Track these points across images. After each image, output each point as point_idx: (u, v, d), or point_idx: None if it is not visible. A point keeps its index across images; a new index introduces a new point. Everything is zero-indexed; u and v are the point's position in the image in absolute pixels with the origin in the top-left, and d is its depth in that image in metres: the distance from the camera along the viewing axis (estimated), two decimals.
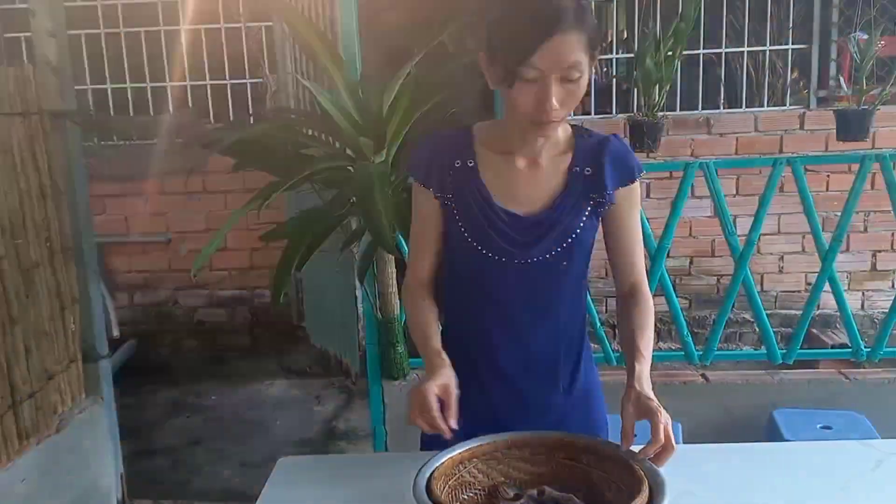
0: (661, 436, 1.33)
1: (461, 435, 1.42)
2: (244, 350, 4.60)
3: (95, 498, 2.85)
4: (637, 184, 1.55)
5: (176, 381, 4.56)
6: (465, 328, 1.63)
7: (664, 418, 1.35)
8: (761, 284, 4.49)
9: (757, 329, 4.63)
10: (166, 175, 3.97)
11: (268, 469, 1.55)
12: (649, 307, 1.56)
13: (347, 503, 1.53)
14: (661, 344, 4.15)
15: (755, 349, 4.62)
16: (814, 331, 4.35)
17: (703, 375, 2.95)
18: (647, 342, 1.50)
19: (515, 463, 1.50)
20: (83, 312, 2.88)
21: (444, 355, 1.47)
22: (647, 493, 1.28)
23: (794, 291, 4.55)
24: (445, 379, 1.42)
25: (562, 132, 1.54)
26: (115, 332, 3.95)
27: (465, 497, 1.45)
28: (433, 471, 1.37)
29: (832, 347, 4.13)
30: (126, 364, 4.44)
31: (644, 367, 1.45)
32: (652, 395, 1.40)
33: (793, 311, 4.55)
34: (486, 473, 1.48)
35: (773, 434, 2.70)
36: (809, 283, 4.54)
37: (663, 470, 1.33)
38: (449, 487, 1.42)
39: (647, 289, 1.59)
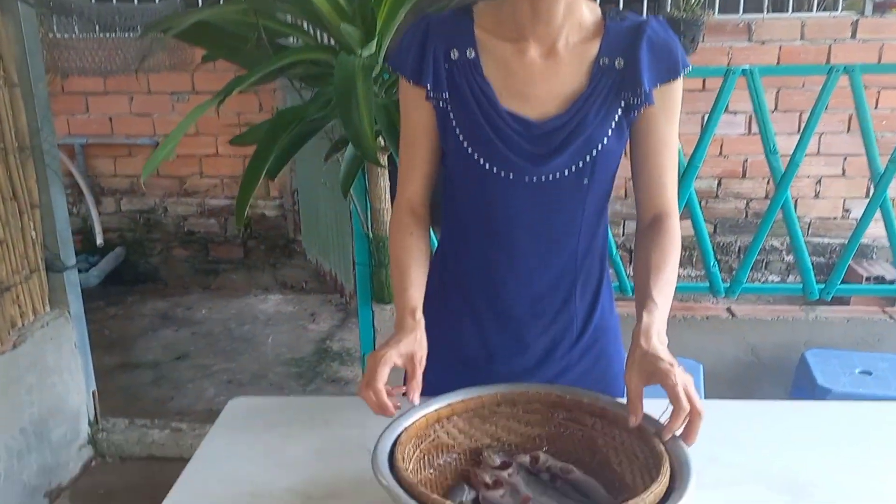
0: (683, 402, 1.05)
1: (447, 383, 1.15)
2: (237, 262, 4.36)
3: (62, 418, 2.65)
4: (680, 82, 1.22)
5: (164, 292, 4.35)
6: (464, 258, 1.35)
7: (680, 379, 1.06)
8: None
9: (787, 259, 4.32)
10: (151, 70, 3.62)
11: (256, 388, 1.34)
12: (674, 244, 1.25)
13: (302, 452, 1.28)
14: (680, 271, 3.84)
15: (783, 281, 4.32)
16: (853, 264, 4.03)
17: (728, 310, 2.66)
18: (663, 287, 1.20)
19: (505, 422, 1.23)
20: (45, 218, 2.60)
21: (420, 314, 1.21)
22: (668, 474, 1.00)
23: (829, 218, 4.20)
24: (411, 346, 1.16)
25: (588, 12, 1.21)
26: (100, 241, 3.69)
27: (440, 463, 1.19)
28: (401, 432, 1.10)
29: (867, 280, 3.82)
30: (113, 273, 4.21)
31: (655, 319, 1.15)
32: (663, 351, 1.11)
33: (826, 240, 4.22)
34: (469, 434, 1.22)
35: (804, 378, 2.42)
36: (847, 210, 4.19)
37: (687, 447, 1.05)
38: (420, 451, 1.15)
39: (676, 220, 1.28)
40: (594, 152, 1.20)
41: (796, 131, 3.59)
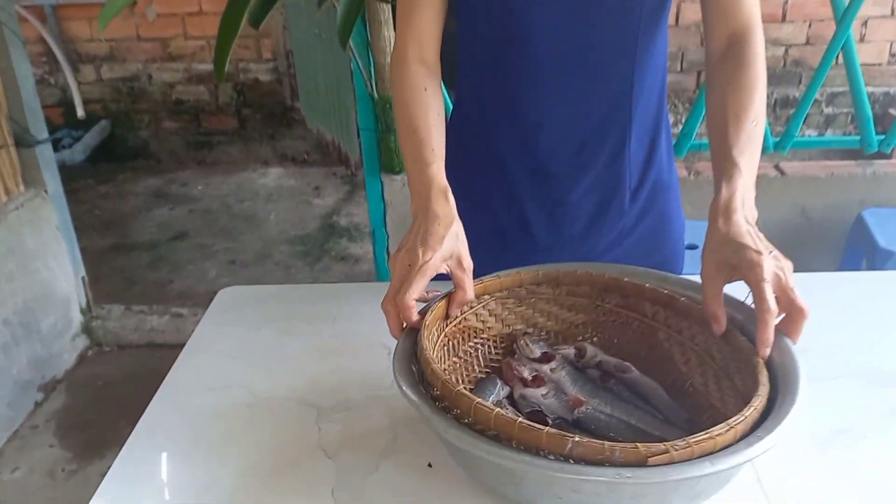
0: (770, 304, 0.78)
1: (476, 260, 0.92)
2: (231, 134, 4.06)
3: (50, 307, 2.46)
4: None
5: (157, 168, 4.08)
6: (488, 104, 1.08)
7: (770, 272, 0.79)
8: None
9: (825, 111, 3.99)
10: None
11: (260, 269, 1.13)
12: (758, 76, 0.95)
13: (305, 351, 1.08)
14: None
15: (821, 135, 4.01)
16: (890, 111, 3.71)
17: (776, 167, 2.38)
18: (746, 143, 0.90)
19: (545, 306, 1.01)
20: (8, 88, 2.31)
21: (450, 194, 0.92)
22: (767, 383, 0.78)
23: (874, 65, 3.83)
24: (454, 243, 0.88)
25: None
26: (80, 112, 3.40)
27: (466, 349, 0.97)
28: (425, 316, 0.87)
29: None
30: (100, 148, 3.93)
31: (737, 188, 0.87)
32: (748, 234, 0.83)
33: (870, 88, 3.87)
34: (501, 318, 1.00)
35: (861, 240, 2.19)
36: (894, 55, 3.82)
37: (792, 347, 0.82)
38: (445, 336, 0.93)
39: (760, 37, 0.97)
40: None
41: None
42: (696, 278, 0.95)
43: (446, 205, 0.89)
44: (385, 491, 0.84)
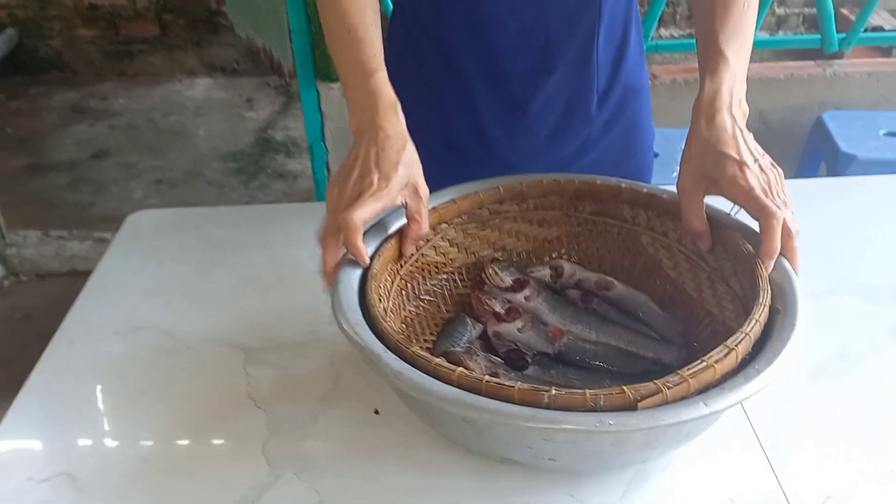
0: (775, 241, 0.70)
1: (428, 180, 0.79)
2: (153, 42, 3.74)
3: None
4: None
5: (73, 80, 3.76)
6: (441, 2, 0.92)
7: (756, 180, 0.71)
8: None
9: (777, 11, 3.86)
10: None
11: (191, 188, 0.98)
12: None
13: (231, 284, 0.96)
14: (673, 31, 3.38)
15: (775, 34, 3.90)
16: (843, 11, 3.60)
17: None
18: (735, 30, 0.77)
19: (511, 225, 0.89)
20: None
21: (399, 108, 0.77)
22: (769, 289, 0.68)
23: None
24: (409, 170, 0.74)
25: None
26: None
27: (429, 289, 0.85)
28: (372, 256, 0.75)
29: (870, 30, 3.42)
30: (8, 60, 3.60)
31: (723, 82, 0.75)
32: (735, 138, 0.72)
33: None
34: (464, 246, 0.88)
35: (822, 142, 2.11)
36: None
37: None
38: (401, 279, 0.81)
39: None
40: None
41: None
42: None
43: (397, 122, 0.75)
44: (325, 445, 0.72)
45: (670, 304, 0.82)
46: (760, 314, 0.64)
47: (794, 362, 0.62)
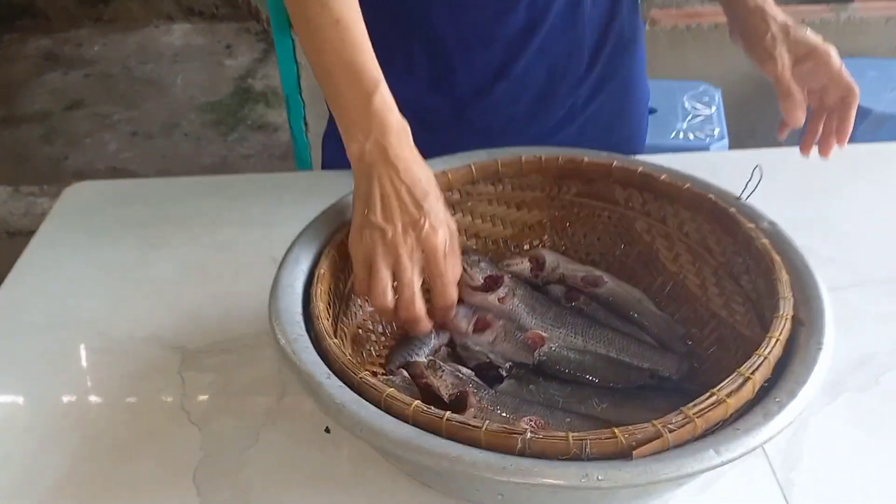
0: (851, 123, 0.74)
1: None
2: None
3: None
4: None
5: (47, 27, 3.58)
6: None
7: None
8: None
9: None
10: None
11: (167, 140, 0.88)
12: None
13: (176, 273, 0.85)
14: None
15: None
16: None
17: None
18: None
19: (487, 209, 0.79)
20: None
21: (408, 129, 0.63)
22: (791, 297, 0.58)
23: None
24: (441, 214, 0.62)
25: None
26: None
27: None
28: (320, 250, 0.65)
29: None
30: None
31: None
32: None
33: None
34: None
35: None
36: None
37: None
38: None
39: None
40: None
41: None
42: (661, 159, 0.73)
43: (413, 148, 0.62)
44: (266, 470, 0.62)
45: (669, 302, 0.71)
46: (781, 331, 0.53)
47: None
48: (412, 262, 0.59)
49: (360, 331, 0.69)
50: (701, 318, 0.68)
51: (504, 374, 0.65)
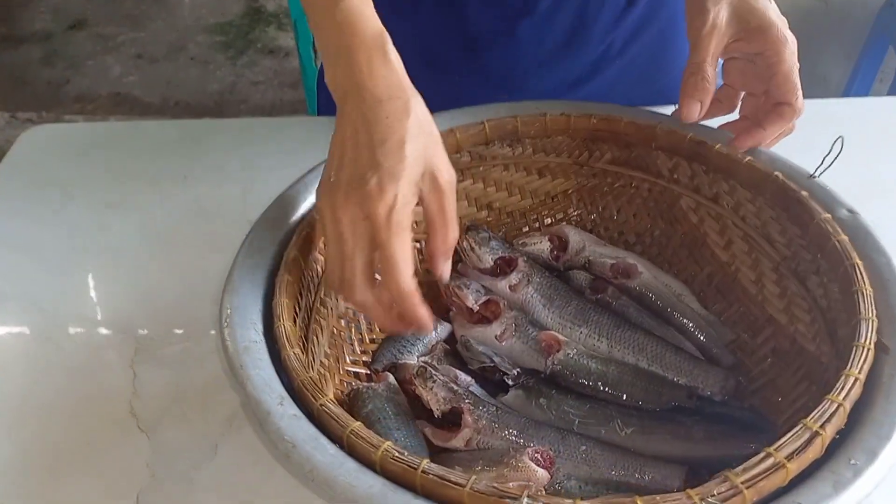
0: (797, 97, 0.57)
1: None
2: None
3: None
4: None
5: None
6: None
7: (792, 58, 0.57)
8: None
9: None
10: None
11: (173, 63, 0.77)
12: None
13: (127, 227, 0.72)
14: None
15: None
16: None
17: None
18: None
19: (502, 175, 0.67)
20: None
21: (390, 43, 0.50)
22: (874, 321, 0.45)
23: None
24: (422, 148, 0.47)
25: None
26: None
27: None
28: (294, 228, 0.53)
29: None
30: None
31: None
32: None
33: None
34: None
35: (892, 25, 1.79)
36: None
37: None
38: None
39: None
40: None
41: None
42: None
43: (389, 71, 0.48)
44: (223, 493, 0.52)
45: (716, 299, 0.59)
46: (862, 365, 0.41)
47: None
48: (354, 234, 0.45)
49: (342, 322, 0.58)
50: (754, 323, 0.56)
51: (510, 382, 0.54)
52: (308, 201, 0.57)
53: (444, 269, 0.49)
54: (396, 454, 0.38)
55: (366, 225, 0.44)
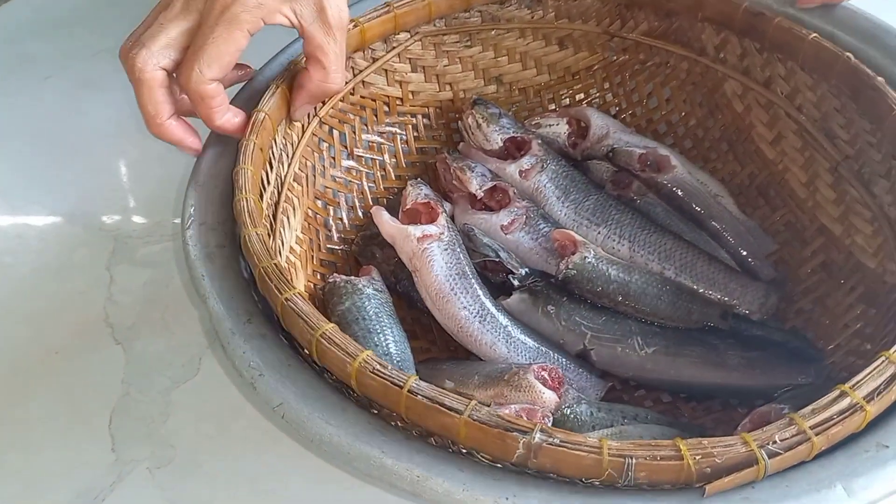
0: None
1: None
2: None
3: None
4: None
5: None
6: None
7: None
8: None
9: None
10: None
11: None
12: None
13: (109, 110, 0.65)
14: None
15: None
16: None
17: None
18: None
19: (516, 43, 0.58)
20: None
21: None
22: None
23: None
24: None
25: None
26: None
27: (375, 139, 0.56)
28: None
29: None
30: None
31: None
32: None
33: None
34: (436, 74, 0.58)
35: None
36: None
37: None
38: (322, 122, 0.51)
39: None
40: None
41: None
42: None
43: None
44: (202, 414, 0.47)
45: (758, 202, 0.51)
46: None
47: None
48: (185, 6, 0.40)
49: (318, 203, 0.50)
50: (802, 232, 0.48)
51: (516, 282, 0.47)
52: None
53: (298, 113, 0.46)
54: (377, 366, 0.31)
55: (201, 4, 0.40)
